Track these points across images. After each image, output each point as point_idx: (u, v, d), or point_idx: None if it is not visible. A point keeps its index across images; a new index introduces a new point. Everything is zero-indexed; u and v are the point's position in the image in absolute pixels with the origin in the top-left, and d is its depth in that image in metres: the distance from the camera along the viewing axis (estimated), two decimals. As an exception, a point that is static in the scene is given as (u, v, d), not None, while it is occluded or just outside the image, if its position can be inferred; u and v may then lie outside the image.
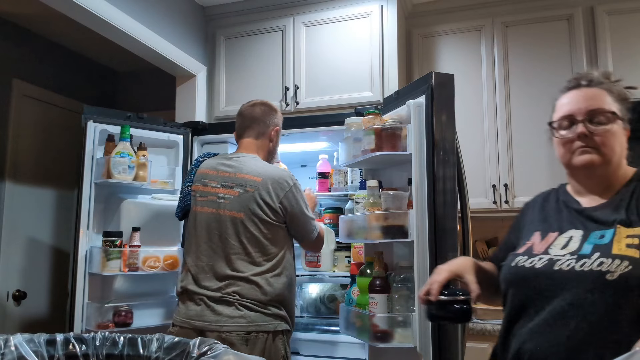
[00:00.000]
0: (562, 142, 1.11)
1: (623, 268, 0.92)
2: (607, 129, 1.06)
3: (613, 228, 1.01)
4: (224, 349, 0.49)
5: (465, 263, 1.16)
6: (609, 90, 1.12)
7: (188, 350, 0.49)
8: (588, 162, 1.06)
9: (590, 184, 1.11)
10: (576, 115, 1.08)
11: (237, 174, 1.76)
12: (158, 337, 0.52)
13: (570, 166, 1.11)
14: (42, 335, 0.51)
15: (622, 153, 1.11)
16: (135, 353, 0.51)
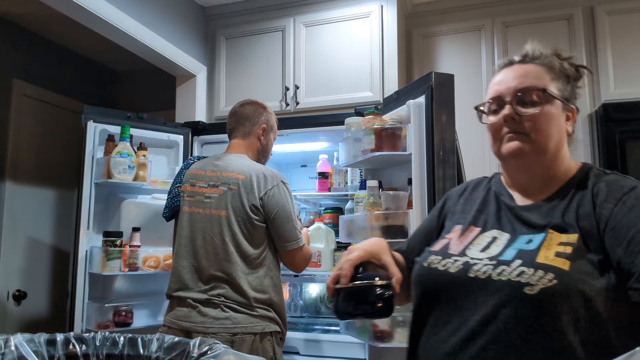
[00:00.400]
0: (491, 129, 0.94)
1: (546, 281, 0.75)
2: (539, 110, 0.88)
3: (544, 233, 0.84)
4: (224, 349, 0.49)
5: (380, 243, 0.94)
6: (548, 65, 0.93)
7: (188, 350, 0.49)
8: (516, 150, 0.89)
9: (524, 179, 0.93)
10: (504, 95, 0.91)
11: (222, 173, 1.75)
12: (158, 337, 0.52)
13: (500, 156, 0.94)
14: (42, 335, 0.51)
15: (562, 141, 0.93)
16: (135, 353, 0.51)
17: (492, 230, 0.92)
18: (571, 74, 0.95)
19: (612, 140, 2.36)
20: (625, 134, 2.34)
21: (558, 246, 0.80)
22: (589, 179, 0.90)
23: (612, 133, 2.36)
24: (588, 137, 2.46)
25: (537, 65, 0.92)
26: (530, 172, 0.92)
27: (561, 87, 0.92)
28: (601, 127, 2.40)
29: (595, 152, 2.45)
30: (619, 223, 0.78)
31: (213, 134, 2.55)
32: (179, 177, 1.88)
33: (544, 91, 0.89)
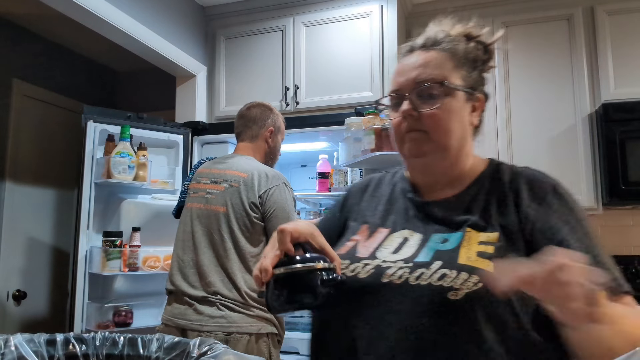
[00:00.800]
0: (393, 125, 0.85)
1: (471, 285, 0.68)
2: (438, 106, 0.80)
3: (461, 231, 0.77)
4: (224, 349, 0.49)
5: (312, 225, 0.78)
6: (451, 51, 0.84)
7: (188, 350, 0.49)
8: (416, 151, 0.82)
9: (429, 177, 0.87)
10: (403, 89, 0.83)
11: (226, 171, 1.76)
12: (158, 337, 0.52)
13: (402, 155, 0.86)
14: (42, 335, 0.51)
15: (466, 135, 0.84)
16: (135, 353, 0.51)
17: (402, 230, 0.83)
18: (479, 57, 0.88)
19: (612, 140, 2.36)
20: (625, 134, 2.35)
21: (478, 245, 0.74)
22: (502, 174, 0.84)
23: (612, 133, 2.36)
24: (588, 137, 2.46)
25: (438, 52, 0.84)
26: (434, 171, 0.85)
27: (465, 74, 0.84)
28: (601, 127, 2.40)
29: (595, 152, 2.45)
30: (545, 225, 0.75)
31: (213, 134, 2.55)
32: (188, 177, 1.91)
33: (442, 84, 0.80)
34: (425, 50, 0.85)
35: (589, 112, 2.48)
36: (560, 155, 2.50)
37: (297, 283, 0.68)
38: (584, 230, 0.77)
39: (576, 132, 2.49)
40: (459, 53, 0.85)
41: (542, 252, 0.61)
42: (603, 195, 2.39)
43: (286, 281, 0.68)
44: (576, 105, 2.50)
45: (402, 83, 0.83)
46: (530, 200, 0.78)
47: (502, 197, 0.80)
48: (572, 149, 2.49)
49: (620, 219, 2.67)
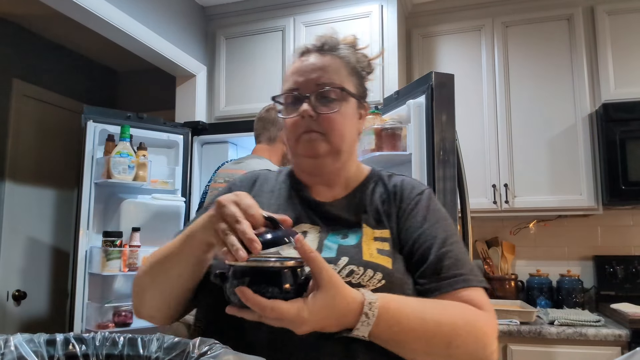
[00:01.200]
0: (289, 125, 0.86)
1: (376, 282, 0.71)
2: (337, 109, 0.83)
3: (358, 228, 0.82)
4: (224, 349, 0.49)
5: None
6: (346, 59, 0.88)
7: (188, 350, 0.49)
8: (313, 152, 0.84)
9: (320, 178, 0.89)
10: (302, 89, 0.84)
11: (237, 171, 1.80)
12: (158, 337, 0.52)
13: (296, 155, 0.87)
14: (42, 335, 0.51)
15: (355, 143, 0.89)
16: (135, 353, 0.51)
17: (301, 224, 0.84)
18: (365, 69, 0.92)
19: (612, 140, 2.36)
20: (626, 134, 2.35)
21: (375, 242, 0.79)
22: (384, 180, 0.90)
23: (612, 133, 2.36)
24: (588, 137, 2.46)
25: (335, 58, 0.87)
26: (325, 172, 0.87)
27: (357, 83, 0.89)
28: (601, 127, 2.40)
29: (595, 152, 2.45)
30: (415, 226, 0.82)
31: (213, 134, 2.54)
32: (211, 177, 1.97)
33: (343, 89, 0.84)
34: (322, 53, 0.87)
35: (589, 112, 2.48)
36: (560, 155, 2.50)
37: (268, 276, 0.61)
38: (444, 228, 0.82)
39: (576, 132, 2.49)
40: (352, 62, 0.88)
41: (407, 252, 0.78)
42: (603, 195, 2.39)
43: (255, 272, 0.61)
44: (576, 105, 2.50)
45: (302, 83, 0.85)
46: (406, 204, 0.85)
47: (387, 201, 0.86)
48: (572, 149, 2.49)
49: (620, 219, 2.67)
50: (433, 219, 0.83)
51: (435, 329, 0.68)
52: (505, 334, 2.17)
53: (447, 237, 0.80)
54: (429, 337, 0.68)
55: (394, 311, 0.66)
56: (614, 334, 2.06)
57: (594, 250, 2.69)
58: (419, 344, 0.68)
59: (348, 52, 0.89)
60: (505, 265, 2.71)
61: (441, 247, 0.78)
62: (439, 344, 0.68)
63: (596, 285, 2.63)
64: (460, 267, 0.77)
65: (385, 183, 0.90)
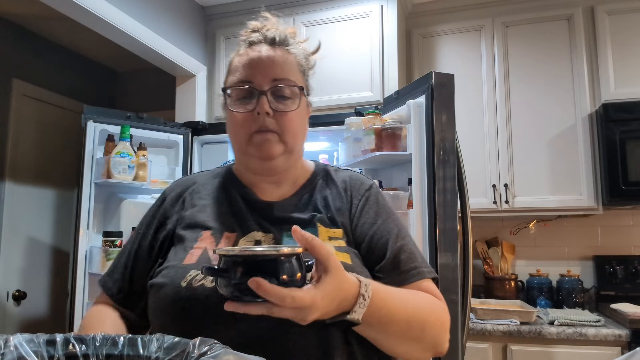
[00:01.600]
0: (239, 119, 0.80)
1: None
2: (295, 108, 0.80)
3: (312, 227, 0.79)
4: (224, 349, 0.49)
5: None
6: (296, 55, 0.85)
7: (188, 350, 0.49)
8: (268, 154, 0.79)
9: (269, 178, 0.85)
10: (259, 84, 0.79)
11: None
12: (158, 337, 0.52)
13: (246, 153, 0.82)
14: (42, 335, 0.51)
15: (304, 140, 0.87)
16: (135, 353, 0.51)
17: (251, 232, 0.80)
18: (310, 64, 0.90)
19: (613, 140, 2.36)
20: (626, 134, 2.35)
21: (331, 241, 0.78)
22: (331, 175, 0.89)
23: (612, 133, 2.36)
24: (588, 137, 2.46)
25: (288, 53, 0.83)
26: (277, 172, 0.84)
27: (305, 80, 0.86)
28: (601, 127, 2.40)
29: (595, 152, 2.45)
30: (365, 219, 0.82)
31: (213, 134, 2.54)
32: None
33: (301, 88, 0.82)
34: (273, 47, 0.83)
35: (589, 112, 2.48)
36: (560, 155, 2.50)
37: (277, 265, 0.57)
38: (395, 222, 0.84)
39: (576, 132, 2.49)
40: (300, 58, 0.86)
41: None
42: (603, 195, 2.39)
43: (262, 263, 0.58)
44: (576, 105, 2.50)
45: (256, 77, 0.80)
46: (357, 200, 0.85)
47: (335, 196, 0.85)
48: (572, 149, 2.49)
49: (620, 219, 2.67)
50: (385, 214, 0.84)
51: (414, 313, 0.71)
52: (505, 334, 2.17)
53: (399, 231, 0.83)
54: (409, 320, 0.70)
55: (383, 294, 0.68)
56: (614, 334, 2.06)
57: (594, 250, 2.69)
58: (400, 327, 0.70)
59: (297, 48, 0.86)
60: (505, 265, 2.71)
61: (396, 241, 0.80)
62: (415, 327, 0.71)
63: (596, 285, 2.63)
64: (414, 260, 0.80)
65: (333, 178, 0.88)
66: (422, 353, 0.75)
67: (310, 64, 0.90)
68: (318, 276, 0.61)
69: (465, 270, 1.79)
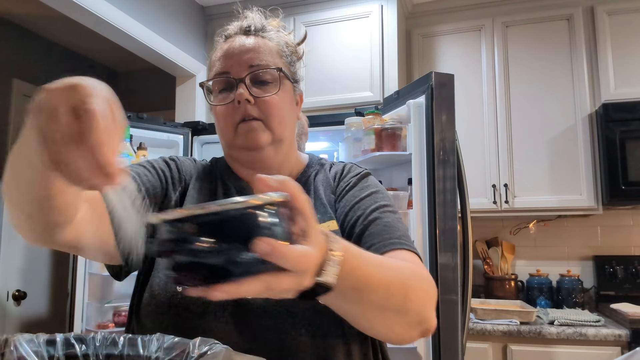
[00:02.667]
0: (221, 113, 0.78)
1: None
2: (276, 92, 0.77)
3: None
4: (224, 349, 0.49)
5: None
6: (276, 41, 0.82)
7: (188, 350, 0.49)
8: (254, 143, 0.77)
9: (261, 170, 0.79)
10: (234, 72, 0.77)
11: None
12: (158, 337, 0.52)
13: (233, 147, 0.80)
14: (42, 335, 0.51)
15: (294, 130, 0.84)
16: (135, 353, 0.51)
17: None
18: (294, 54, 0.86)
19: (613, 140, 2.36)
20: (626, 133, 2.35)
21: None
22: (325, 168, 0.87)
23: (612, 133, 2.36)
24: (588, 137, 2.46)
25: (264, 40, 0.81)
26: (268, 163, 0.80)
27: (289, 66, 0.82)
28: (601, 127, 2.40)
29: (595, 152, 2.45)
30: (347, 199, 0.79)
31: (213, 134, 2.54)
32: None
33: (280, 70, 0.78)
34: (248, 35, 0.81)
35: (589, 112, 2.48)
36: (560, 155, 2.50)
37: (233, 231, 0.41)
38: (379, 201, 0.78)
39: (576, 132, 2.49)
40: (281, 44, 0.83)
41: None
42: (603, 195, 2.39)
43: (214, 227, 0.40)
44: (576, 105, 2.50)
45: (233, 66, 0.77)
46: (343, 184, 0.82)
47: (328, 187, 0.82)
48: (572, 149, 2.49)
49: (620, 219, 2.67)
50: (367, 192, 0.79)
51: (394, 277, 0.60)
52: (505, 334, 2.17)
53: (380, 206, 0.77)
54: (387, 286, 0.58)
55: (356, 252, 0.56)
56: (614, 334, 2.06)
57: (594, 250, 2.69)
58: (379, 295, 0.58)
59: (275, 34, 0.83)
60: (505, 265, 2.71)
61: (371, 214, 0.75)
62: (396, 294, 0.59)
63: (596, 285, 2.63)
64: (390, 232, 0.72)
65: (326, 171, 0.86)
66: (406, 329, 0.63)
67: (297, 53, 0.87)
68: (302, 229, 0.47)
69: (465, 270, 1.79)
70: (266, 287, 0.43)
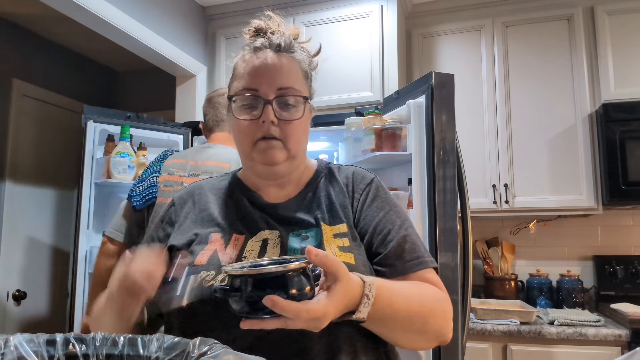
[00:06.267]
0: (244, 126, 0.82)
1: None
2: (299, 117, 0.82)
3: (317, 227, 0.81)
4: (224, 349, 0.49)
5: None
6: (300, 61, 0.86)
7: (188, 350, 0.49)
8: (271, 160, 0.82)
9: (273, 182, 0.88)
10: (264, 93, 0.81)
11: (204, 162, 1.61)
12: (158, 337, 0.52)
13: (250, 159, 0.85)
14: (42, 335, 0.51)
15: (307, 143, 0.90)
16: (135, 353, 0.51)
17: (259, 233, 0.82)
18: (313, 66, 0.91)
19: (613, 140, 2.36)
20: (626, 134, 2.35)
21: (335, 239, 0.80)
22: (334, 172, 0.92)
23: (612, 133, 2.36)
24: (588, 137, 2.46)
25: (292, 60, 0.85)
26: (281, 176, 0.86)
27: (309, 86, 0.89)
28: (601, 127, 2.40)
29: (595, 152, 2.45)
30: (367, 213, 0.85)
31: (213, 134, 2.54)
32: (155, 167, 1.71)
33: (306, 98, 0.84)
34: (279, 54, 0.84)
35: (589, 112, 2.48)
36: (560, 155, 2.50)
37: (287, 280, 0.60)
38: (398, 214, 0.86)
39: (576, 132, 2.49)
40: (305, 63, 0.87)
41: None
42: (603, 195, 2.39)
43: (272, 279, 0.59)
44: (576, 105, 2.50)
45: (263, 86, 0.81)
46: (359, 194, 0.87)
47: (340, 193, 0.87)
48: (572, 149, 2.49)
49: (620, 219, 2.67)
50: (387, 207, 0.86)
51: (417, 309, 0.74)
52: (505, 334, 2.17)
53: (402, 222, 0.84)
54: (411, 316, 0.73)
55: (386, 292, 0.69)
56: (614, 334, 2.06)
57: (594, 250, 2.69)
58: (404, 322, 0.72)
59: (302, 53, 0.87)
60: (505, 265, 2.71)
61: (399, 232, 0.82)
62: (418, 322, 0.74)
63: (596, 285, 2.63)
64: (417, 249, 0.82)
65: (335, 175, 0.91)
66: (425, 343, 0.78)
67: (314, 66, 0.92)
68: (327, 286, 0.62)
69: (465, 270, 1.79)
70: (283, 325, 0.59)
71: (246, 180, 0.91)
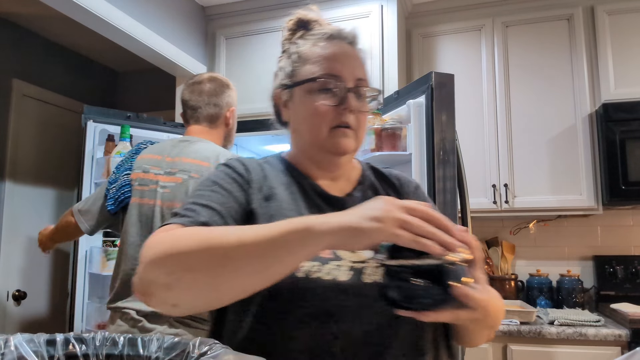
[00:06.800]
0: (321, 111, 0.78)
1: None
2: (368, 109, 0.83)
3: None
4: (224, 349, 0.49)
5: None
6: (362, 53, 0.85)
7: (188, 350, 0.49)
8: (343, 149, 0.80)
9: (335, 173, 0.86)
10: (346, 79, 0.79)
11: (182, 158, 1.46)
12: (158, 337, 0.52)
13: (321, 146, 0.81)
14: (42, 335, 0.51)
15: None
16: (135, 353, 0.51)
17: None
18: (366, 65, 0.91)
19: (613, 140, 2.36)
20: (626, 134, 2.35)
21: None
22: (381, 171, 0.94)
23: (612, 133, 2.36)
24: (588, 137, 2.46)
25: (358, 51, 0.84)
26: (340, 167, 0.86)
27: None
28: (601, 127, 2.40)
29: (595, 152, 2.45)
30: None
31: (213, 134, 2.54)
32: (127, 164, 1.55)
33: (379, 92, 0.84)
34: (350, 44, 0.84)
35: (589, 112, 2.48)
36: (560, 155, 2.50)
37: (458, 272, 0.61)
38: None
39: (576, 132, 2.49)
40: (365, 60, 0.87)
41: None
42: (603, 195, 2.39)
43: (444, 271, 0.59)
44: (576, 105, 2.50)
45: (344, 73, 0.79)
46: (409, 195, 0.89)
47: (394, 192, 0.89)
48: (572, 149, 2.49)
49: (620, 219, 2.67)
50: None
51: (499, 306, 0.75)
52: (505, 334, 2.17)
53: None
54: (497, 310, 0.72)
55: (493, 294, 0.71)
56: (614, 334, 2.07)
57: (594, 250, 2.69)
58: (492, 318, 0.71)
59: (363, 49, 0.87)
60: (505, 265, 2.71)
61: None
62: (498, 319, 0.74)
63: (596, 285, 2.63)
64: None
65: (383, 174, 0.93)
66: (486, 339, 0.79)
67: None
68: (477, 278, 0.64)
69: (465, 270, 1.79)
70: (454, 317, 0.63)
71: (302, 167, 0.85)
